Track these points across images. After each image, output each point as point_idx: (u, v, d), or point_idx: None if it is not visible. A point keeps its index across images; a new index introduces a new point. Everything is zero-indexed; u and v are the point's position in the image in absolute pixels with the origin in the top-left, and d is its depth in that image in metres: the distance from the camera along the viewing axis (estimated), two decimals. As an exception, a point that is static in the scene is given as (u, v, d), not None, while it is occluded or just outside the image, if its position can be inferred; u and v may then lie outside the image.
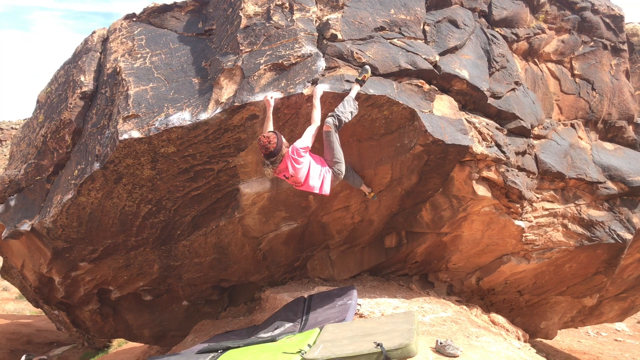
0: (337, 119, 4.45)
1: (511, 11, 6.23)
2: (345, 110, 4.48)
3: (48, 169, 5.63)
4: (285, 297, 5.88)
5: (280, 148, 4.23)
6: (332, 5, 5.07)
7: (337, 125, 4.48)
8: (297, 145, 4.31)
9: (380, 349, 3.62)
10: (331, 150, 4.57)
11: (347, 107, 4.49)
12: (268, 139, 4.20)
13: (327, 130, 4.49)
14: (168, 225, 5.54)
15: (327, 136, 4.53)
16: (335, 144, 4.56)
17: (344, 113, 4.47)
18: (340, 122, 4.47)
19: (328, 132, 4.49)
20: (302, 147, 4.32)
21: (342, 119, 4.46)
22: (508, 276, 6.91)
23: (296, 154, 4.30)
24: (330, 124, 4.46)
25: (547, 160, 6.10)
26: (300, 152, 4.31)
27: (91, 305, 6.54)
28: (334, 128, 4.47)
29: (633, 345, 11.02)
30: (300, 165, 4.33)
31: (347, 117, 4.49)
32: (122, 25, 5.55)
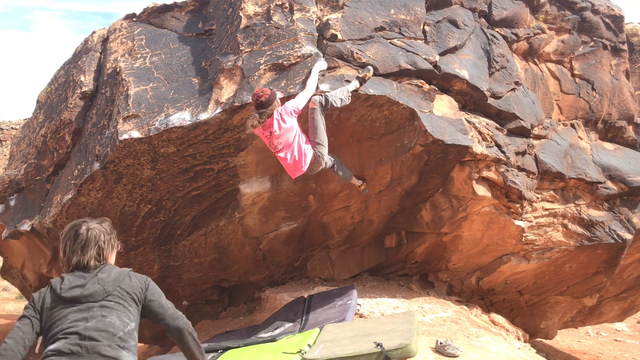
0: (325, 99, 4.38)
1: (511, 11, 6.23)
2: (335, 95, 4.41)
3: (48, 169, 5.63)
4: (285, 297, 5.88)
5: (271, 101, 4.17)
6: (332, 5, 5.07)
7: (323, 105, 4.39)
8: (288, 104, 4.27)
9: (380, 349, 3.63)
10: (314, 129, 4.45)
11: (338, 93, 4.43)
12: (262, 90, 4.19)
13: (312, 107, 4.41)
14: (168, 225, 5.54)
15: (312, 113, 4.43)
16: (319, 124, 4.44)
17: (334, 97, 4.39)
18: (327, 102, 4.38)
19: (313, 109, 4.41)
20: (292, 107, 4.26)
21: (329, 100, 4.37)
22: (508, 276, 6.91)
23: (285, 111, 4.23)
24: (316, 102, 4.38)
25: (547, 160, 6.10)
26: (289, 111, 4.24)
27: (91, 305, 6.53)
28: (320, 107, 4.39)
29: (633, 345, 11.02)
30: (287, 125, 4.23)
31: (336, 102, 4.40)
32: (122, 25, 5.56)
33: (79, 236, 2.05)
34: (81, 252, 2.03)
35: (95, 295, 1.94)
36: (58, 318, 1.90)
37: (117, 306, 1.93)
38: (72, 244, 2.05)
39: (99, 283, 1.96)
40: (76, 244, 2.04)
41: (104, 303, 1.93)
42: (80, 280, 1.98)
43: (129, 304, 1.96)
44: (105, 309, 1.90)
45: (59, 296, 1.94)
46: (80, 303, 1.92)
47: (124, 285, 1.99)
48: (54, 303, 1.95)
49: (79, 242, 2.05)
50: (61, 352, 1.80)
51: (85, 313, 1.89)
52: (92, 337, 1.83)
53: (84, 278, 1.99)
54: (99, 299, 1.94)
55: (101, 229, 2.11)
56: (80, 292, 1.94)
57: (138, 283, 2.03)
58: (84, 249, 2.03)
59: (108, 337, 1.85)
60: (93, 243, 2.05)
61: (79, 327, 1.84)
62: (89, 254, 2.03)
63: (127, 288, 1.99)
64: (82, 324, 1.85)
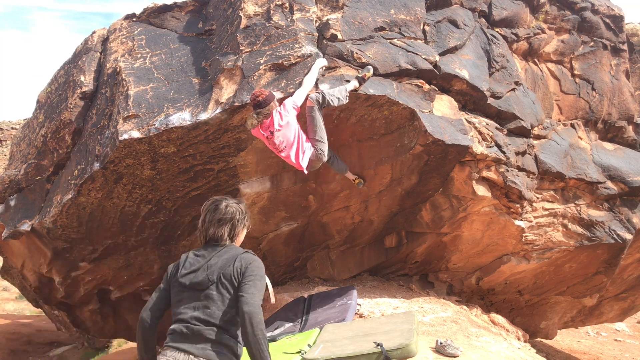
0: (322, 97, 4.38)
1: (511, 11, 6.23)
2: (333, 93, 4.42)
3: (48, 169, 5.63)
4: (285, 297, 5.88)
5: (268, 101, 4.17)
6: (332, 5, 5.07)
7: (320, 103, 4.39)
8: (287, 101, 4.27)
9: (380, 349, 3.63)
10: (313, 127, 4.45)
11: (336, 92, 4.43)
12: (260, 91, 4.20)
13: (309, 106, 4.42)
14: (168, 225, 5.54)
15: (310, 111, 4.44)
16: (318, 122, 4.44)
17: (331, 95, 4.40)
18: (324, 100, 4.38)
19: (311, 108, 4.41)
20: (291, 103, 4.27)
21: (327, 98, 4.37)
22: (508, 276, 6.91)
23: (283, 109, 4.24)
24: (313, 99, 4.39)
25: (547, 160, 6.10)
26: (287, 108, 4.25)
27: (91, 305, 6.54)
28: (317, 104, 4.39)
29: (633, 345, 11.02)
30: (285, 122, 4.24)
31: (333, 101, 4.40)
32: (122, 25, 5.56)
33: (218, 210, 2.26)
34: (217, 225, 2.24)
35: (202, 284, 2.12)
36: (177, 299, 2.20)
37: (217, 297, 2.09)
38: (211, 216, 2.25)
39: (206, 271, 2.14)
40: (214, 217, 2.25)
41: (208, 293, 2.11)
42: (197, 263, 2.17)
43: (227, 292, 2.10)
44: (208, 300, 2.09)
45: (178, 280, 2.18)
46: (191, 290, 2.14)
47: (226, 272, 2.13)
48: (175, 282, 2.21)
49: (217, 216, 2.25)
50: (175, 332, 2.13)
51: (194, 302, 2.12)
52: (197, 325, 2.07)
53: (200, 260, 2.18)
54: (204, 287, 2.12)
55: (237, 208, 2.30)
56: (191, 280, 2.15)
57: (239, 266, 2.15)
58: (219, 222, 2.24)
59: (210, 325, 2.06)
60: (229, 219, 2.25)
61: (187, 315, 2.10)
62: (223, 228, 2.23)
63: (228, 275, 2.13)
64: (190, 313, 2.10)
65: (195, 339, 2.04)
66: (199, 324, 2.07)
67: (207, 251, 2.23)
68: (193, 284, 2.15)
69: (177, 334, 2.11)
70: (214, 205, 2.29)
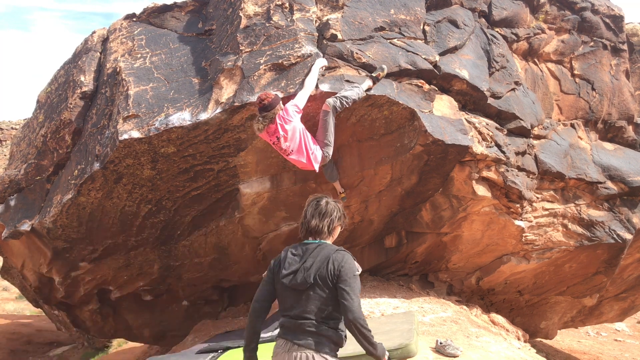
0: (339, 101, 4.40)
1: (511, 11, 6.23)
2: (348, 96, 4.43)
3: (48, 169, 5.63)
4: (285, 297, 5.88)
5: (274, 105, 4.17)
6: (332, 5, 5.07)
7: (336, 109, 4.41)
8: (289, 105, 4.27)
9: (380, 349, 3.61)
10: (325, 131, 4.48)
11: (353, 94, 4.45)
12: (266, 94, 4.20)
13: (325, 110, 4.44)
14: (168, 225, 5.54)
15: (324, 115, 4.45)
16: (330, 126, 4.47)
17: (347, 98, 4.42)
18: (342, 106, 4.41)
19: (326, 112, 4.43)
20: (292, 107, 4.26)
21: (344, 103, 4.41)
22: (508, 276, 6.91)
23: (286, 113, 4.23)
24: (330, 105, 4.40)
25: (547, 160, 6.10)
26: (290, 112, 4.24)
27: (91, 305, 6.54)
28: (333, 110, 4.41)
29: (633, 345, 11.02)
30: (290, 126, 4.23)
31: (350, 103, 4.44)
32: (122, 25, 5.55)
33: (319, 206, 2.48)
34: (319, 218, 2.45)
35: (301, 285, 2.36)
36: (281, 296, 2.46)
37: (315, 296, 2.33)
38: (313, 211, 2.47)
39: (303, 273, 2.36)
40: (316, 211, 2.46)
41: (307, 293, 2.35)
42: (295, 264, 2.40)
43: (323, 292, 2.34)
44: (308, 299, 2.34)
45: (280, 279, 2.41)
46: (292, 289, 2.39)
47: (321, 274, 2.35)
48: (278, 280, 2.45)
49: (318, 210, 2.47)
50: (283, 326, 2.42)
51: (296, 300, 2.37)
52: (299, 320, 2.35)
53: (297, 260, 2.41)
54: (303, 289, 2.36)
55: (336, 206, 2.52)
56: (290, 282, 2.39)
57: (332, 268, 2.35)
58: (321, 216, 2.45)
59: (310, 320, 2.33)
60: (329, 215, 2.46)
61: (291, 312, 2.37)
62: (324, 222, 2.44)
63: (323, 277, 2.34)
64: (293, 310, 2.37)
65: (299, 332, 2.33)
66: (301, 320, 2.34)
67: (303, 250, 2.45)
68: (293, 285, 2.39)
69: (284, 327, 2.41)
70: (315, 201, 2.51)
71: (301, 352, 2.31)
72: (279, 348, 2.41)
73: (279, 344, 2.41)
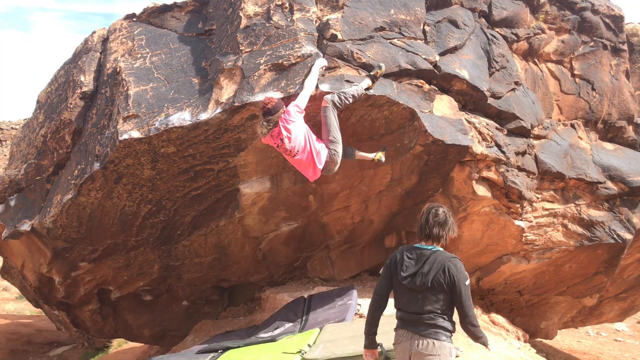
0: (337, 97, 4.39)
1: (511, 11, 6.23)
2: (347, 91, 4.43)
3: (48, 169, 5.63)
4: (285, 297, 5.88)
5: (278, 109, 4.18)
6: (332, 5, 5.07)
7: (335, 103, 4.40)
8: (290, 107, 4.26)
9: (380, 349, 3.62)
10: (327, 127, 4.44)
11: (352, 91, 4.45)
12: (269, 99, 4.20)
13: (324, 106, 4.42)
14: (168, 225, 5.54)
15: (324, 111, 4.43)
16: (332, 122, 4.42)
17: (346, 94, 4.41)
18: (341, 101, 4.40)
19: (325, 108, 4.42)
20: (294, 108, 4.26)
21: (342, 98, 4.39)
22: (508, 276, 6.91)
23: (288, 114, 4.23)
24: (328, 100, 4.39)
25: (547, 160, 6.10)
26: (292, 113, 4.23)
27: (91, 305, 6.54)
28: (332, 104, 4.39)
29: (633, 345, 11.02)
30: (293, 126, 4.22)
31: (349, 99, 4.43)
32: (122, 25, 5.55)
33: (438, 215, 2.79)
34: (440, 226, 2.76)
35: (419, 287, 2.72)
36: (399, 294, 2.82)
37: (432, 297, 2.70)
38: (435, 219, 2.78)
39: (421, 278, 2.71)
40: (437, 220, 2.77)
41: (424, 294, 2.71)
42: (412, 267, 2.75)
43: (439, 294, 2.71)
44: (424, 299, 2.71)
45: (398, 280, 2.77)
46: (410, 290, 2.74)
47: (438, 279, 2.70)
48: (396, 280, 2.80)
49: (439, 219, 2.78)
50: (402, 319, 2.80)
51: (413, 299, 2.74)
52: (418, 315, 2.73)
53: (414, 264, 2.76)
54: (420, 290, 2.72)
55: (450, 215, 2.84)
56: (409, 283, 2.74)
57: (448, 275, 2.70)
58: (441, 225, 2.77)
59: (427, 314, 2.71)
60: (447, 224, 2.79)
61: (409, 308, 2.75)
62: (444, 230, 2.77)
63: (439, 282, 2.70)
64: (411, 307, 2.74)
65: (419, 324, 2.72)
66: (420, 315, 2.72)
67: (418, 255, 2.78)
68: (412, 287, 2.74)
69: (404, 320, 2.79)
70: (434, 210, 2.82)
71: (422, 340, 2.72)
72: (401, 337, 2.80)
73: (400, 333, 2.81)
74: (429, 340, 2.70)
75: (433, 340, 2.70)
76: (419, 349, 2.71)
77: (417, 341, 2.72)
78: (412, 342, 2.73)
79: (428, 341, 2.71)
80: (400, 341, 2.81)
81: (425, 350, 2.70)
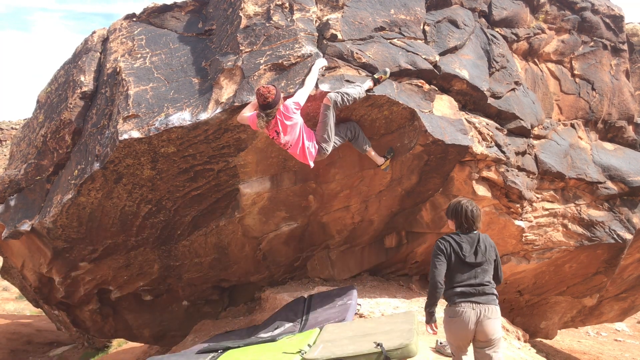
0: (340, 97, 4.42)
1: (511, 11, 6.23)
2: (350, 93, 4.45)
3: (48, 169, 5.63)
4: (285, 297, 5.89)
5: (277, 101, 4.20)
6: (332, 5, 5.07)
7: (337, 104, 4.43)
8: (288, 102, 4.28)
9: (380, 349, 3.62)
10: (324, 126, 4.50)
11: (352, 92, 4.47)
12: (268, 89, 4.19)
13: (326, 104, 4.45)
14: (168, 225, 5.54)
15: (325, 109, 4.47)
16: (330, 121, 4.49)
17: (348, 96, 4.44)
18: (343, 102, 4.43)
19: (327, 106, 4.45)
20: (293, 105, 4.27)
21: (344, 99, 4.42)
22: (508, 276, 6.91)
23: (286, 110, 4.25)
24: (332, 99, 4.42)
25: (547, 160, 6.10)
26: (290, 109, 4.26)
27: (91, 305, 6.54)
28: (334, 105, 4.43)
29: (633, 345, 11.01)
30: (290, 122, 4.27)
31: (350, 101, 4.46)
32: (122, 25, 5.55)
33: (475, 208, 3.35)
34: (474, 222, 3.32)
35: (477, 263, 3.24)
36: (458, 271, 3.26)
37: (487, 269, 3.27)
38: (474, 212, 3.33)
39: (478, 255, 3.25)
40: (476, 214, 3.33)
41: (481, 268, 3.24)
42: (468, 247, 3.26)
43: (490, 265, 3.29)
44: (482, 272, 3.24)
45: (462, 258, 3.24)
46: (471, 265, 3.24)
47: (490, 255, 3.30)
48: (456, 258, 3.26)
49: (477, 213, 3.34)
50: (464, 293, 3.18)
51: (473, 273, 3.23)
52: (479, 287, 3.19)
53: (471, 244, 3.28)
54: (478, 265, 3.23)
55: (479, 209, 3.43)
56: (471, 260, 3.24)
57: (491, 250, 3.33)
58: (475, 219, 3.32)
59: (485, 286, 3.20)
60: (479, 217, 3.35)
61: (471, 281, 3.21)
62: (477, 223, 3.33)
63: (490, 256, 3.30)
64: (472, 280, 3.21)
65: (479, 295, 3.16)
66: (481, 286, 3.19)
67: (469, 237, 3.31)
68: (474, 263, 3.23)
69: (464, 294, 3.18)
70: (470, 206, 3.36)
71: (484, 307, 3.13)
72: (465, 308, 3.15)
73: (463, 306, 3.16)
74: (488, 306, 3.15)
75: (492, 306, 3.16)
76: (486, 314, 3.12)
77: (479, 309, 3.12)
78: (475, 311, 3.12)
79: (488, 307, 3.15)
80: (462, 312, 3.15)
81: (492, 315, 3.13)
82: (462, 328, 3.14)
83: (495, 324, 3.14)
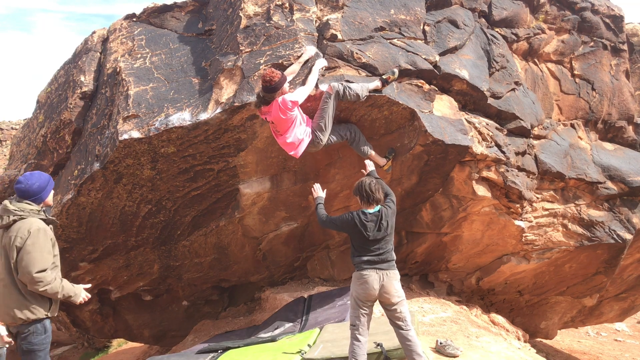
0: (343, 89, 4.43)
1: (511, 11, 6.23)
2: (353, 88, 4.46)
3: (48, 169, 5.63)
4: (285, 297, 5.89)
5: (279, 87, 4.22)
6: (332, 6, 5.07)
7: (339, 93, 4.44)
8: (288, 97, 4.28)
9: (380, 349, 3.63)
10: (322, 113, 4.51)
11: (358, 89, 4.48)
12: (272, 72, 4.21)
13: (328, 92, 4.46)
14: (168, 225, 5.54)
15: (325, 97, 4.48)
16: (329, 111, 4.49)
17: (351, 90, 4.45)
18: (344, 93, 4.44)
19: (328, 94, 4.46)
20: (292, 99, 4.28)
21: (347, 92, 4.43)
22: (508, 276, 6.91)
23: (284, 105, 4.26)
24: (334, 88, 4.43)
25: (547, 160, 6.10)
26: (288, 106, 4.27)
27: (91, 305, 6.54)
28: (335, 95, 4.44)
29: (633, 345, 11.01)
30: (286, 117, 4.31)
31: (352, 96, 4.47)
32: (122, 25, 5.55)
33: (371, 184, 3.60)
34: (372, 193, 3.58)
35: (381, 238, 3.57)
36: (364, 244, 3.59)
37: (388, 239, 3.61)
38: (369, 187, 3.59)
39: (381, 231, 3.56)
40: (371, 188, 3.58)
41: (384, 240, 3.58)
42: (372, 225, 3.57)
43: (391, 236, 3.64)
44: (384, 243, 3.59)
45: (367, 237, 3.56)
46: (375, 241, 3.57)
47: (390, 229, 3.61)
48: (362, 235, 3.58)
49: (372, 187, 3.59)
50: (370, 262, 3.56)
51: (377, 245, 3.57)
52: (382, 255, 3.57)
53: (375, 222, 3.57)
54: (382, 238, 3.57)
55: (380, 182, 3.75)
56: (375, 237, 3.56)
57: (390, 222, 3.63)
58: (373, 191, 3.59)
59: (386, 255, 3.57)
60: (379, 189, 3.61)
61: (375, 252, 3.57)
62: (376, 194, 3.59)
63: (391, 229, 3.62)
64: (377, 251, 3.57)
65: (383, 262, 3.55)
66: (384, 254, 3.57)
67: (374, 216, 3.58)
68: (378, 238, 3.56)
69: (371, 262, 3.55)
70: (370, 179, 3.66)
71: (385, 272, 3.53)
72: (369, 276, 3.52)
73: (368, 272, 3.53)
74: (388, 272, 3.54)
75: (392, 271, 3.57)
76: (387, 277, 3.51)
77: (384, 273, 3.52)
78: (379, 276, 3.51)
79: (388, 273, 3.54)
80: (367, 276, 3.52)
81: (392, 277, 3.53)
82: (368, 288, 3.51)
83: (396, 284, 3.55)
